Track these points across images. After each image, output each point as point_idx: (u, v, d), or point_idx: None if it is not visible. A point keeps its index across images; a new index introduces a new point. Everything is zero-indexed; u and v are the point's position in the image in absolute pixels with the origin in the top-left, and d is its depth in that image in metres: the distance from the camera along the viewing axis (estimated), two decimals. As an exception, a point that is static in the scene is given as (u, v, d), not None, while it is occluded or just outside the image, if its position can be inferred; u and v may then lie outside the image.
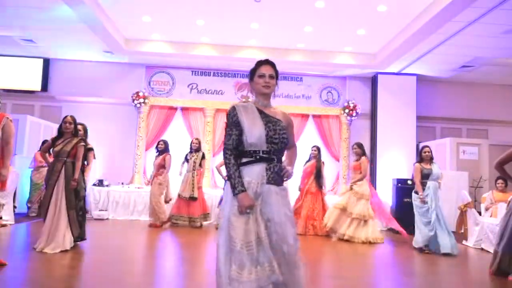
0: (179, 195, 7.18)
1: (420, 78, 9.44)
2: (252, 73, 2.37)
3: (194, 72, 9.58)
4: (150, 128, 9.37)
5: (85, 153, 5.53)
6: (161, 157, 7.08)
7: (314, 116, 9.67)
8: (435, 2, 6.09)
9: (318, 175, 7.03)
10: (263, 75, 2.32)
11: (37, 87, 9.29)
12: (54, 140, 4.86)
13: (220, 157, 9.52)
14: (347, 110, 9.42)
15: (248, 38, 8.25)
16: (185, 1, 6.65)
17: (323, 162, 7.24)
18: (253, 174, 2.20)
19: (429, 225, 5.52)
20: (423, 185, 5.65)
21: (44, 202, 4.73)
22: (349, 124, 9.58)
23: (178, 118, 9.55)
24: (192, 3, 6.70)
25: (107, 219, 7.70)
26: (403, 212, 7.32)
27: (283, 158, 2.36)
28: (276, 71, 2.37)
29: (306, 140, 9.58)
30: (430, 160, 5.77)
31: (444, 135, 9.59)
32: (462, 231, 6.75)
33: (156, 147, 7.29)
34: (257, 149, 2.21)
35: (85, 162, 5.57)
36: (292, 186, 7.08)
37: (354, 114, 9.44)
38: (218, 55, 8.67)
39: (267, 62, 2.36)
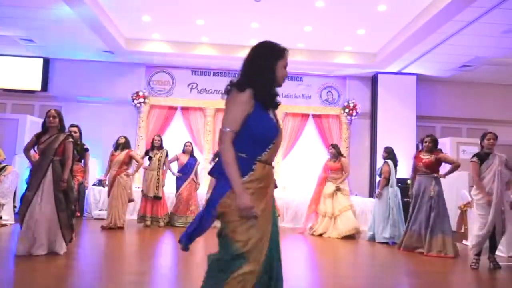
0: (144, 194, 7.02)
1: (420, 78, 9.44)
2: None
3: (194, 72, 9.58)
4: (150, 128, 9.37)
5: (82, 154, 5.41)
6: (123, 153, 6.56)
7: (314, 115, 9.67)
8: (435, 2, 6.09)
9: None
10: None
11: (37, 87, 9.29)
12: (39, 136, 4.36)
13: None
14: (347, 110, 9.42)
15: (248, 38, 8.24)
16: (185, 1, 6.66)
17: None
18: None
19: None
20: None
21: (24, 204, 4.21)
22: (349, 123, 9.59)
23: (178, 118, 9.55)
24: (192, 3, 6.70)
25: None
26: (404, 212, 7.30)
27: None
28: None
29: (306, 140, 9.60)
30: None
31: (444, 134, 9.58)
32: (462, 230, 6.76)
33: (117, 142, 6.70)
34: None
35: (81, 163, 5.50)
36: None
37: (354, 114, 9.45)
38: (218, 55, 8.67)
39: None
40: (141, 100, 9.17)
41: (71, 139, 4.42)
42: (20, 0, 6.38)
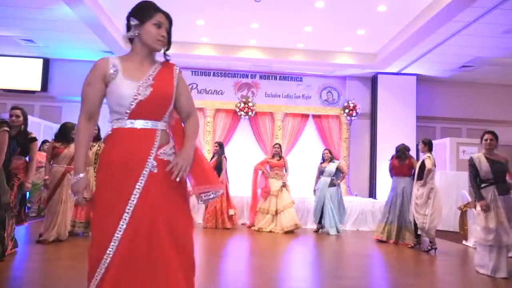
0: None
1: (420, 78, 9.44)
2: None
3: (194, 72, 9.58)
4: (150, 128, 9.35)
5: (27, 145, 4.18)
6: (73, 145, 4.70)
7: (314, 116, 9.67)
8: (435, 2, 6.09)
9: (219, 170, 7.11)
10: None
11: (37, 87, 9.30)
12: None
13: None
14: (347, 110, 9.42)
15: (248, 38, 8.26)
16: (185, 1, 6.66)
17: (224, 157, 7.28)
18: None
19: (316, 210, 7.13)
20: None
21: None
22: (349, 124, 9.59)
23: (178, 118, 9.54)
24: (192, 3, 6.70)
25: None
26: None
27: None
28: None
29: (306, 140, 9.60)
30: (330, 160, 7.30)
31: (444, 135, 9.59)
32: (462, 231, 6.74)
33: (63, 131, 5.18)
34: None
35: (25, 157, 4.30)
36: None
37: (354, 114, 9.44)
38: (218, 55, 8.67)
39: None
40: (141, 100, 9.16)
41: (6, 128, 3.33)
42: (20, 0, 6.39)
